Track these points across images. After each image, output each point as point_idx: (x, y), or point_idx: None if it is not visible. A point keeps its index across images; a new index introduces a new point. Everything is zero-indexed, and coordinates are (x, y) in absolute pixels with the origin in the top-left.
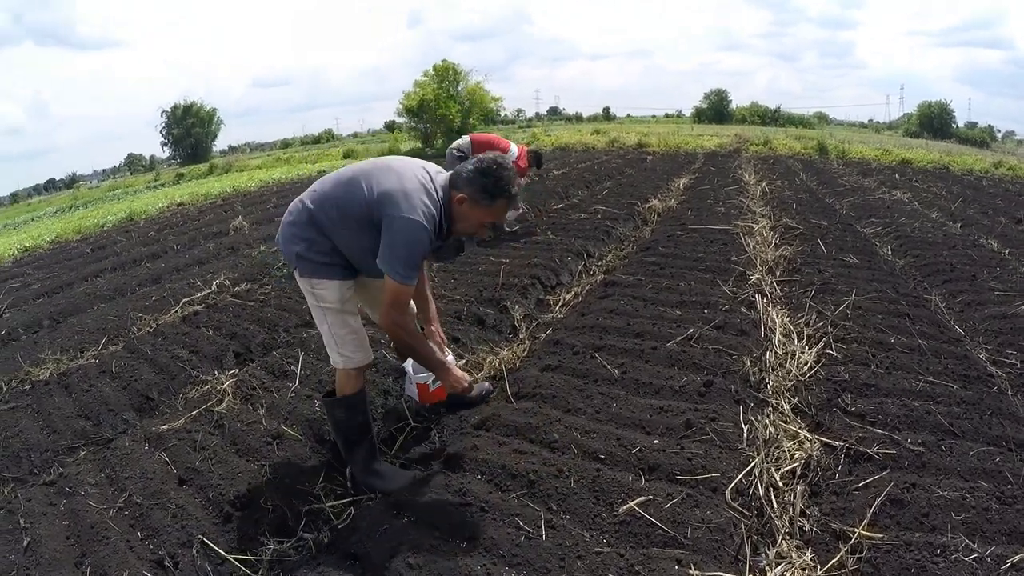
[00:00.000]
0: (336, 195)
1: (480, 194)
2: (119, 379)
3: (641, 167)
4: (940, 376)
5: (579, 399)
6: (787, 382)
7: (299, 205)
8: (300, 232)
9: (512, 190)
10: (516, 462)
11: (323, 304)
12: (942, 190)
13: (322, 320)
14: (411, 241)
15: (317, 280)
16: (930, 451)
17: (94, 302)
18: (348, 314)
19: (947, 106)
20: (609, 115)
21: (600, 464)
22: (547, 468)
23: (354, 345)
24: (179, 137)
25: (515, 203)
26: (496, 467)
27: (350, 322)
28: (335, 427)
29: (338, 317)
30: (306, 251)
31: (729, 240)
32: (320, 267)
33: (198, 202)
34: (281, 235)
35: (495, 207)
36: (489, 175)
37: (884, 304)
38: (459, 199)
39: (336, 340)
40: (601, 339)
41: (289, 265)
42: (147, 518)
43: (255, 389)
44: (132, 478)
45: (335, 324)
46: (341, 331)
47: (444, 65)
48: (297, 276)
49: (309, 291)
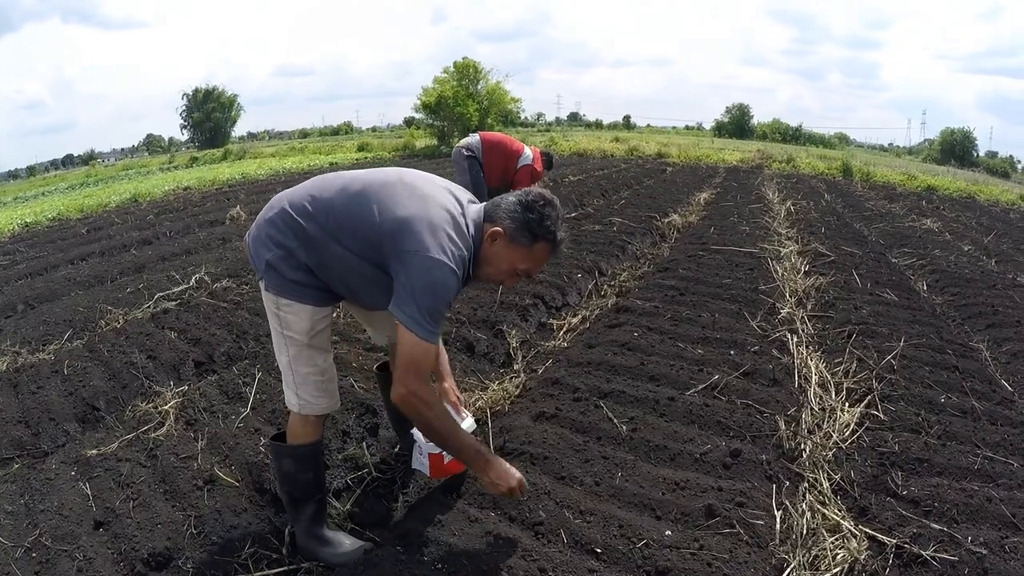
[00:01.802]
0: (337, 205)
1: (519, 231)
2: (69, 382)
3: (661, 178)
4: (998, 449)
5: (577, 463)
6: (827, 451)
7: (284, 205)
8: (278, 236)
9: (558, 233)
10: (487, 551)
11: (287, 332)
12: (971, 221)
13: (282, 350)
14: (435, 286)
15: (285, 301)
16: (993, 553)
17: (72, 288)
18: (316, 350)
19: (970, 133)
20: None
21: (595, 561)
22: (525, 564)
23: (317, 389)
24: (198, 121)
25: (557, 249)
26: (460, 556)
27: (317, 360)
28: (280, 478)
29: (302, 352)
30: (278, 261)
31: (755, 265)
32: (291, 286)
33: (204, 187)
34: (253, 235)
35: (534, 251)
36: (534, 210)
37: (930, 353)
38: (492, 233)
39: (295, 378)
40: (609, 381)
41: (255, 273)
42: (52, 568)
43: (202, 412)
44: (48, 512)
45: (297, 360)
46: (303, 369)
47: (465, 63)
48: (263, 289)
49: (274, 312)
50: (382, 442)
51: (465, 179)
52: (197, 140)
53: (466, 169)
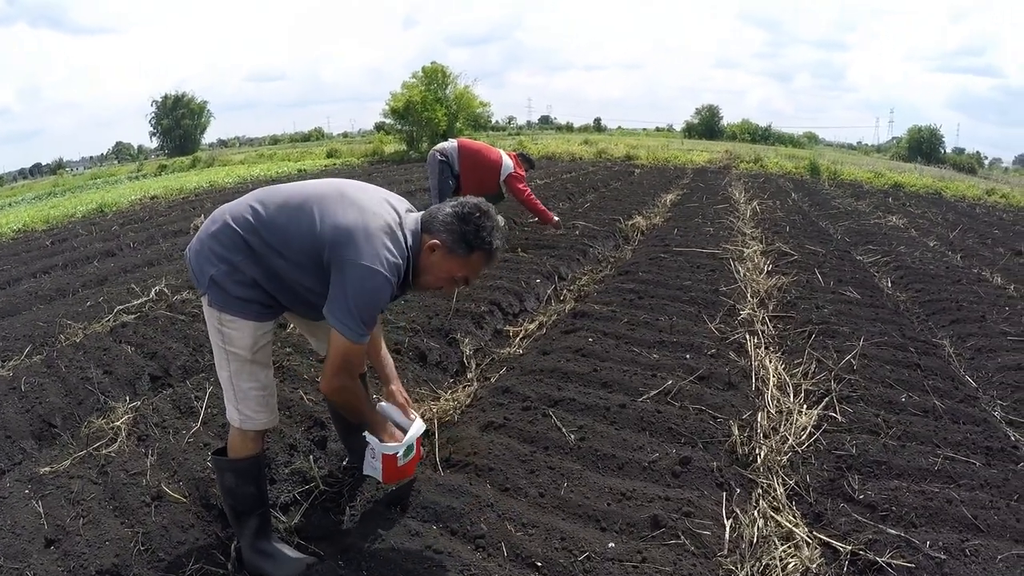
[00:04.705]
0: (278, 218)
1: (456, 243)
2: (26, 399)
3: (628, 180)
4: (960, 449)
5: (522, 474)
6: (782, 456)
7: (226, 219)
8: (222, 251)
9: (494, 243)
10: (425, 567)
11: (229, 347)
12: (937, 217)
13: (223, 364)
14: (368, 292)
15: (229, 317)
16: (953, 557)
17: (34, 302)
18: (258, 365)
19: (937, 131)
20: (600, 126)
21: (535, 574)
22: None
23: (257, 404)
24: (168, 128)
25: (494, 258)
26: (399, 571)
27: (259, 375)
28: (223, 491)
29: (244, 367)
30: (222, 277)
31: (717, 266)
32: (234, 302)
33: (171, 196)
34: (195, 249)
35: (471, 260)
36: (470, 222)
37: (891, 351)
38: (431, 245)
39: (236, 394)
40: (560, 389)
41: (196, 287)
42: None
43: (153, 428)
44: (2, 530)
45: (239, 375)
46: (245, 384)
47: (433, 67)
48: (204, 304)
49: (216, 328)
50: (330, 455)
51: (434, 181)
52: (167, 147)
53: (436, 172)
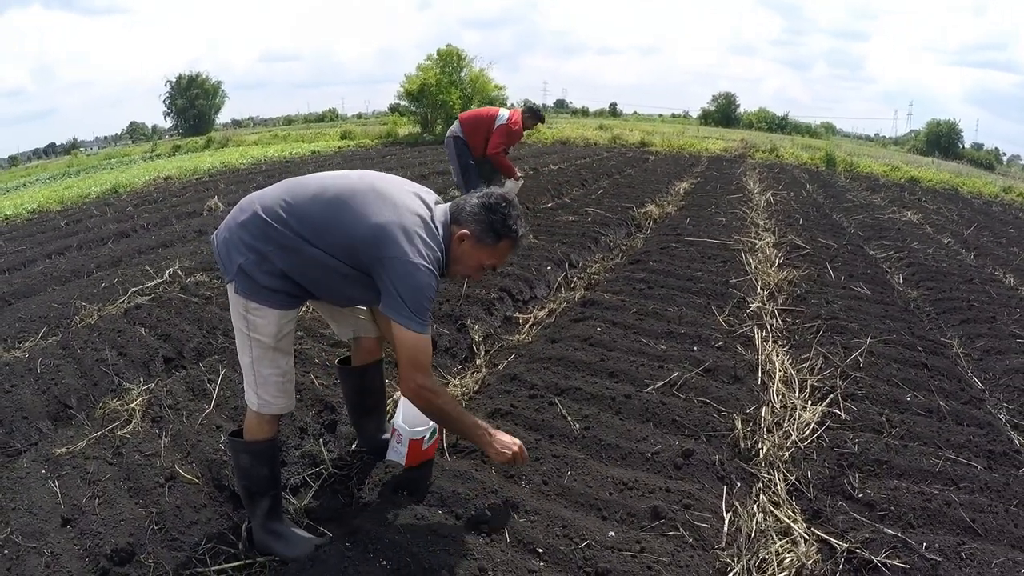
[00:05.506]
0: (311, 211)
1: (485, 232)
2: (42, 380)
3: (642, 167)
4: (962, 451)
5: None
6: (784, 451)
7: (256, 209)
8: (252, 241)
9: (519, 231)
10: (430, 550)
11: (254, 334)
12: (953, 213)
13: (246, 350)
14: (419, 288)
15: (255, 304)
16: (948, 560)
17: (49, 284)
18: (280, 353)
19: (955, 125)
20: (616, 111)
21: (537, 561)
22: (466, 564)
23: (277, 390)
24: (182, 108)
25: (519, 246)
26: (404, 554)
27: (280, 362)
28: (237, 472)
29: (267, 354)
30: (251, 267)
31: (728, 257)
32: (262, 291)
33: (185, 177)
34: (223, 237)
35: (498, 248)
36: (496, 211)
37: (899, 350)
38: (460, 236)
39: (257, 379)
40: (567, 378)
41: (224, 275)
42: (21, 564)
43: (167, 410)
44: (19, 510)
45: (260, 361)
46: (266, 371)
47: (448, 50)
48: (231, 291)
49: (241, 314)
50: (340, 439)
51: (455, 165)
52: (180, 127)
53: (454, 155)
